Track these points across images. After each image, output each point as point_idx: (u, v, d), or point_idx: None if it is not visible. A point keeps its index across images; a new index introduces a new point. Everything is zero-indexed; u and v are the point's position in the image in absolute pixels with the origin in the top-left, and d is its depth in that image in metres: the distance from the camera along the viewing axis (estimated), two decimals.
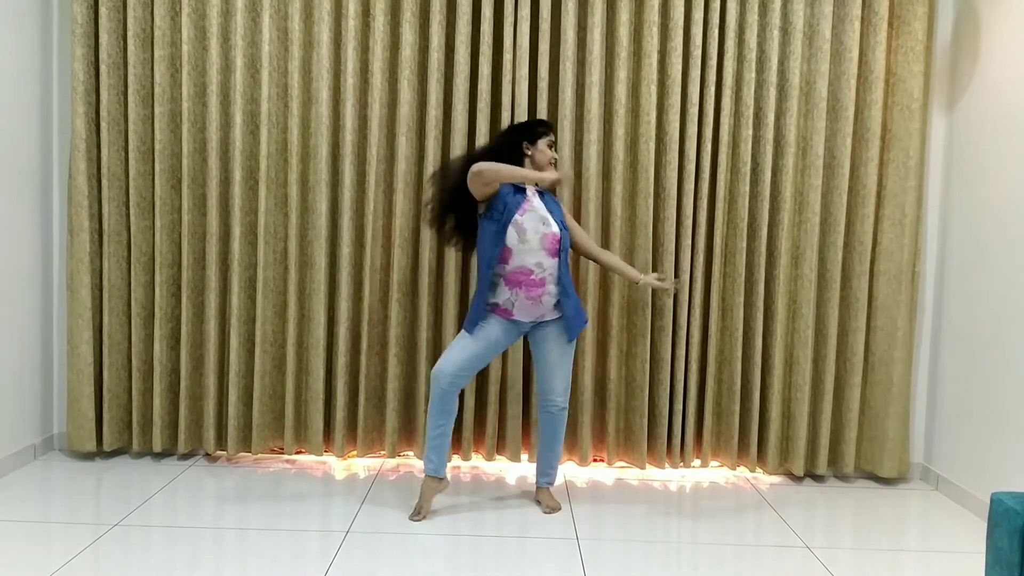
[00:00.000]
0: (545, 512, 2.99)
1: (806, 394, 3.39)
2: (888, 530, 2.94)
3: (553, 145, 2.93)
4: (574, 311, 2.90)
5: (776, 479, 3.47)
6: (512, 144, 2.91)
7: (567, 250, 2.89)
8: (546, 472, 3.06)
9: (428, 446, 2.90)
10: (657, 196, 3.40)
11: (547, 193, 2.98)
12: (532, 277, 2.79)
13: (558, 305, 2.88)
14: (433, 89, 3.32)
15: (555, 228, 2.83)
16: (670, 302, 3.39)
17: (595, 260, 3.11)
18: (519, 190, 2.86)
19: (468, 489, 3.24)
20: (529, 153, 2.89)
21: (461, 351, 2.84)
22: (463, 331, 2.88)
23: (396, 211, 3.36)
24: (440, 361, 2.85)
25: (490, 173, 2.72)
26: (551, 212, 2.88)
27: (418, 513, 2.88)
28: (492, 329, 2.85)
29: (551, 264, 2.81)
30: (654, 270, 3.40)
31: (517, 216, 2.79)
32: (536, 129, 2.92)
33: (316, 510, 2.95)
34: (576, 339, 2.98)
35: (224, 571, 2.42)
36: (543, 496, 3.05)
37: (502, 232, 2.78)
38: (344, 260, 3.36)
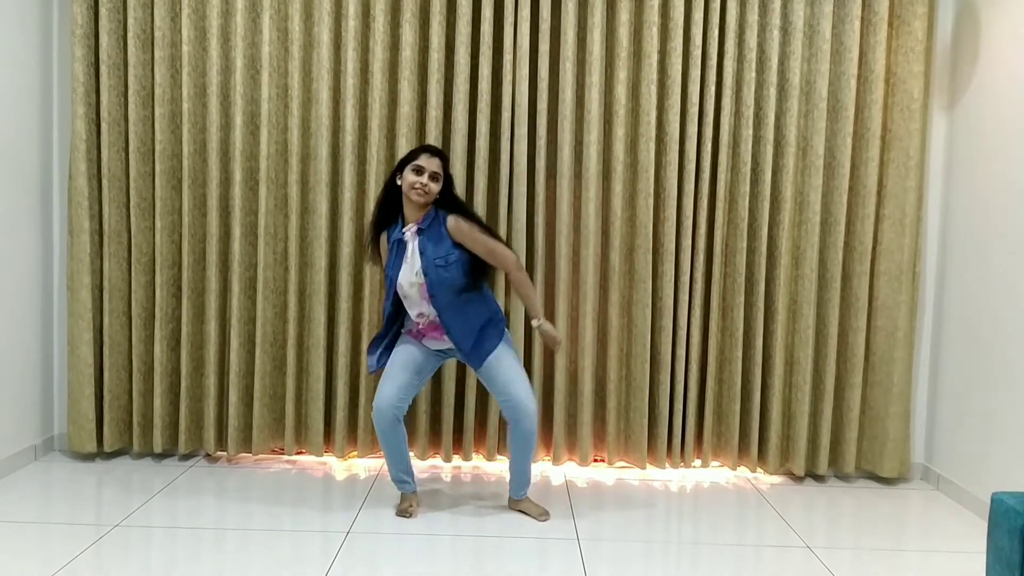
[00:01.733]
0: (544, 519, 2.91)
1: (807, 394, 3.39)
2: (889, 530, 2.94)
3: (422, 171, 2.69)
4: (465, 342, 2.75)
5: (777, 479, 3.47)
6: (390, 183, 2.82)
7: (445, 288, 2.71)
8: (525, 484, 2.95)
9: (393, 464, 2.89)
10: (657, 196, 3.40)
11: (439, 224, 2.74)
12: (420, 327, 2.83)
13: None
14: (433, 90, 3.32)
15: (423, 278, 2.72)
16: (670, 302, 3.39)
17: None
18: (400, 241, 2.77)
19: (469, 489, 3.24)
20: (399, 183, 2.76)
21: (392, 380, 2.80)
22: (384, 365, 2.86)
23: None
24: (377, 398, 2.80)
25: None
26: (423, 252, 2.71)
27: (407, 513, 2.90)
28: (411, 352, 2.85)
29: (431, 310, 2.77)
30: (654, 270, 3.40)
31: (398, 276, 2.76)
32: (405, 158, 2.78)
33: (317, 511, 2.95)
34: (502, 350, 2.79)
35: (225, 572, 2.42)
36: (527, 505, 2.96)
37: (391, 290, 2.80)
38: (344, 261, 3.36)
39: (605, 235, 3.42)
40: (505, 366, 2.80)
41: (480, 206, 3.33)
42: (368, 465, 3.50)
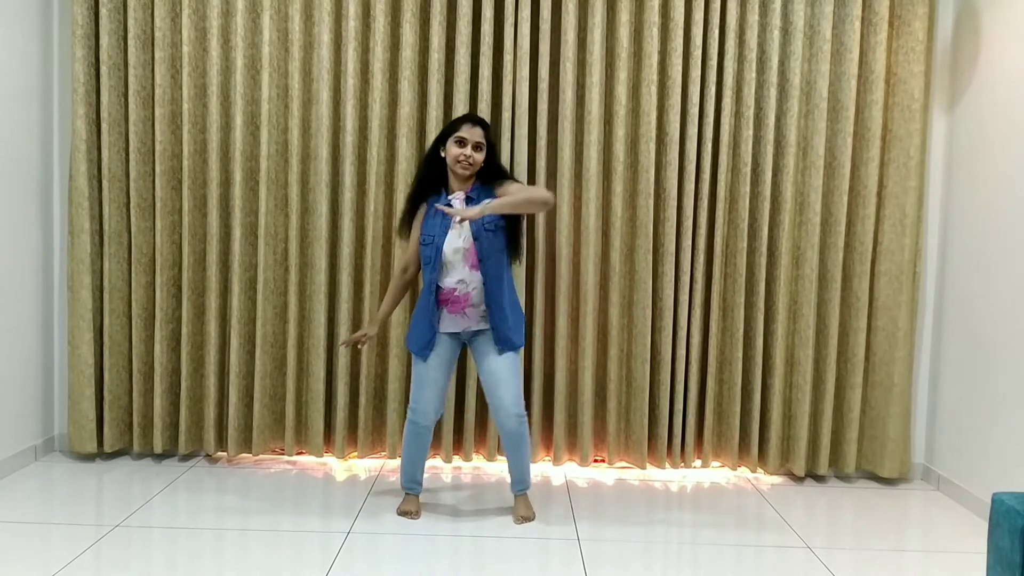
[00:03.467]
0: (517, 523, 2.89)
1: (807, 394, 3.39)
2: (889, 530, 2.94)
3: (465, 142, 2.70)
4: (502, 322, 2.75)
5: (777, 479, 3.47)
6: (433, 154, 2.83)
7: (496, 255, 2.73)
8: (519, 481, 2.95)
9: (414, 468, 2.92)
10: (657, 197, 3.40)
11: (488, 194, 2.73)
12: (455, 294, 2.74)
13: (486, 317, 2.78)
14: (434, 90, 3.32)
15: (471, 243, 2.71)
16: (670, 302, 3.39)
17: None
18: (448, 207, 2.70)
19: (469, 489, 3.24)
20: (443, 156, 2.77)
21: (433, 385, 2.80)
22: (419, 360, 2.81)
23: (396, 212, 3.35)
24: (417, 401, 2.81)
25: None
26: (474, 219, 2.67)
27: (413, 515, 2.90)
28: (442, 348, 2.80)
29: (474, 277, 2.73)
30: (654, 270, 3.40)
31: (444, 243, 2.71)
32: (447, 128, 2.80)
33: (317, 511, 2.95)
34: (515, 349, 2.81)
35: (225, 572, 2.42)
36: (517, 505, 2.95)
37: (437, 257, 2.71)
38: (344, 261, 3.37)
39: (605, 235, 3.42)
40: (509, 367, 2.80)
41: None
42: (368, 465, 3.50)
